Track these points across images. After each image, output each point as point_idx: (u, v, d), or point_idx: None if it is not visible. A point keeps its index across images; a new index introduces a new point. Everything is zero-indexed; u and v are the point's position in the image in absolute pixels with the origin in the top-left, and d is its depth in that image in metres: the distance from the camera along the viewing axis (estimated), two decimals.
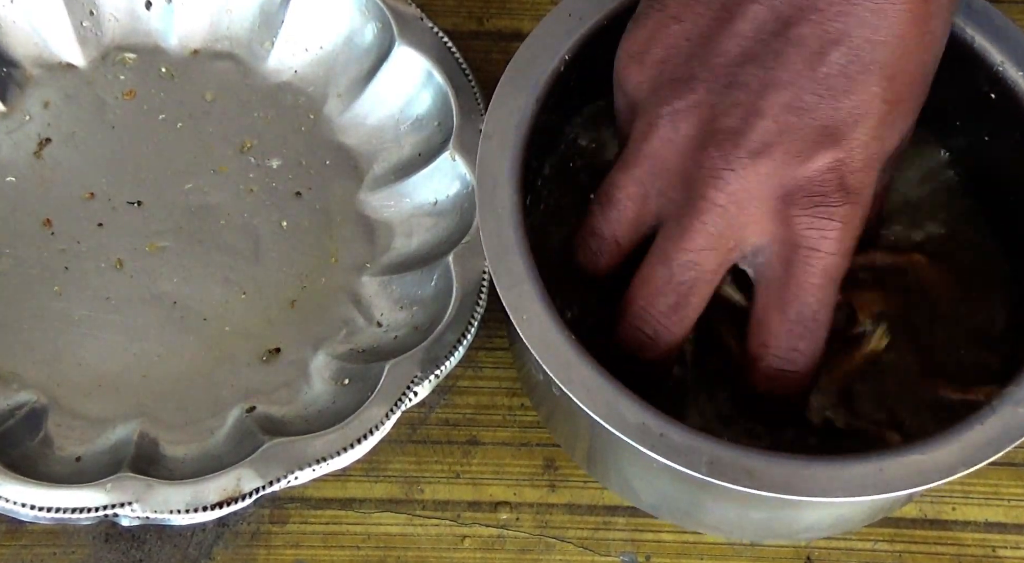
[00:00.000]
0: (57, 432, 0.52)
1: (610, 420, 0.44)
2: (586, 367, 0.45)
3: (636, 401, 0.45)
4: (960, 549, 0.53)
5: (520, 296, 0.46)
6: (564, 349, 0.45)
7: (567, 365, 0.45)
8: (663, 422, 0.44)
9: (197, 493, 0.50)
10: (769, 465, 0.44)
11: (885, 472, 0.44)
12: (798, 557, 0.53)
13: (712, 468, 0.44)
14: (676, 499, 0.50)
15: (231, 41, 0.60)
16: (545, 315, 0.46)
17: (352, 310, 0.56)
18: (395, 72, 0.58)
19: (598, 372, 0.45)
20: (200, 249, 0.57)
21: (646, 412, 0.44)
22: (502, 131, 0.49)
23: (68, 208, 0.57)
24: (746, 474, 0.44)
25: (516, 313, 0.46)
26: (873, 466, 0.44)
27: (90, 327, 0.55)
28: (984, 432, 0.44)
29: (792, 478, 0.44)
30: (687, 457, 0.44)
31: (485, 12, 0.63)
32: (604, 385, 0.45)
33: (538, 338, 0.46)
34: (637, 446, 0.44)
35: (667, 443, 0.44)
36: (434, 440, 0.55)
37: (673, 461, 0.44)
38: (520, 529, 0.54)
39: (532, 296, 0.46)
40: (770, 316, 0.46)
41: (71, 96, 0.59)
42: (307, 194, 0.58)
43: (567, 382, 0.45)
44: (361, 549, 0.53)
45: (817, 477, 0.44)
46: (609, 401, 0.44)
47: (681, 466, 0.44)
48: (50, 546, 0.53)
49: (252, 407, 0.53)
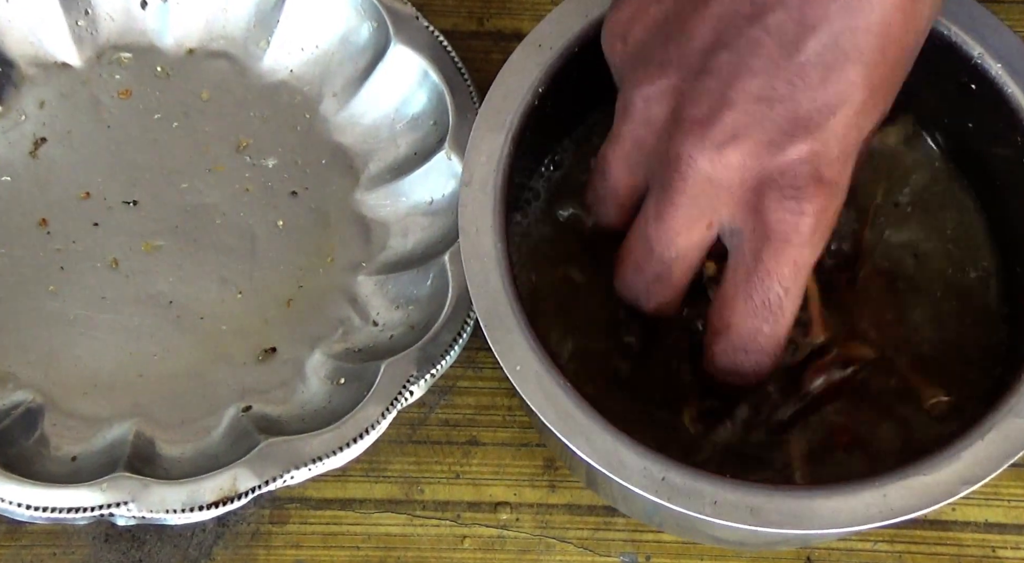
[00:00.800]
0: (53, 432, 0.52)
1: (612, 468, 0.44)
2: (584, 415, 0.45)
3: (636, 446, 0.44)
4: (960, 549, 0.53)
5: (512, 347, 0.46)
6: (560, 398, 0.45)
7: (565, 415, 0.45)
8: (664, 465, 0.44)
9: (193, 492, 0.50)
10: (772, 501, 0.44)
11: (889, 497, 0.44)
12: (798, 557, 0.53)
13: (717, 509, 0.44)
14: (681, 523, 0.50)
15: (227, 40, 0.60)
16: (539, 365, 0.46)
17: (348, 309, 0.56)
18: (391, 71, 0.58)
19: (595, 420, 0.45)
20: (196, 248, 0.57)
21: (647, 457, 0.44)
22: (481, 177, 0.49)
23: (64, 207, 0.57)
24: (750, 512, 0.43)
25: (509, 364, 0.46)
26: (877, 493, 0.44)
27: (86, 327, 0.55)
28: (986, 447, 0.44)
29: (796, 512, 0.43)
30: (691, 500, 0.44)
31: (485, 12, 0.63)
32: (603, 433, 0.45)
33: (534, 388, 0.45)
34: (640, 493, 0.44)
35: (670, 487, 0.44)
36: (434, 440, 0.55)
37: (677, 505, 0.44)
38: (520, 529, 0.54)
39: (523, 346, 0.46)
40: (736, 298, 0.45)
41: (67, 95, 0.59)
42: (303, 193, 0.58)
43: (566, 433, 0.45)
44: (361, 549, 0.53)
45: (821, 509, 0.43)
46: (609, 449, 0.44)
47: (685, 509, 0.44)
48: (50, 546, 0.53)
49: (248, 406, 0.53)
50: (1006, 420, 0.45)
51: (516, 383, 0.45)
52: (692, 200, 0.44)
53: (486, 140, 0.49)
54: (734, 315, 0.46)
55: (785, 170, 0.43)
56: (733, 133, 0.43)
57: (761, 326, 0.46)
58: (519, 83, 0.50)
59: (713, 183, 0.44)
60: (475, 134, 0.49)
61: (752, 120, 0.43)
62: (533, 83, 0.50)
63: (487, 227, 0.48)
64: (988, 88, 0.50)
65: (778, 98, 0.42)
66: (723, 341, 0.47)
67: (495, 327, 0.46)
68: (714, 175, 0.43)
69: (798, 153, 0.43)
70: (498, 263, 0.47)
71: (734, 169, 0.43)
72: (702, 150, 0.43)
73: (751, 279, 0.45)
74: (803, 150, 0.43)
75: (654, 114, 0.45)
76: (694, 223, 0.45)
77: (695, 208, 0.44)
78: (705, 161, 0.43)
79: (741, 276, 0.45)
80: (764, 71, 0.42)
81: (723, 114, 0.43)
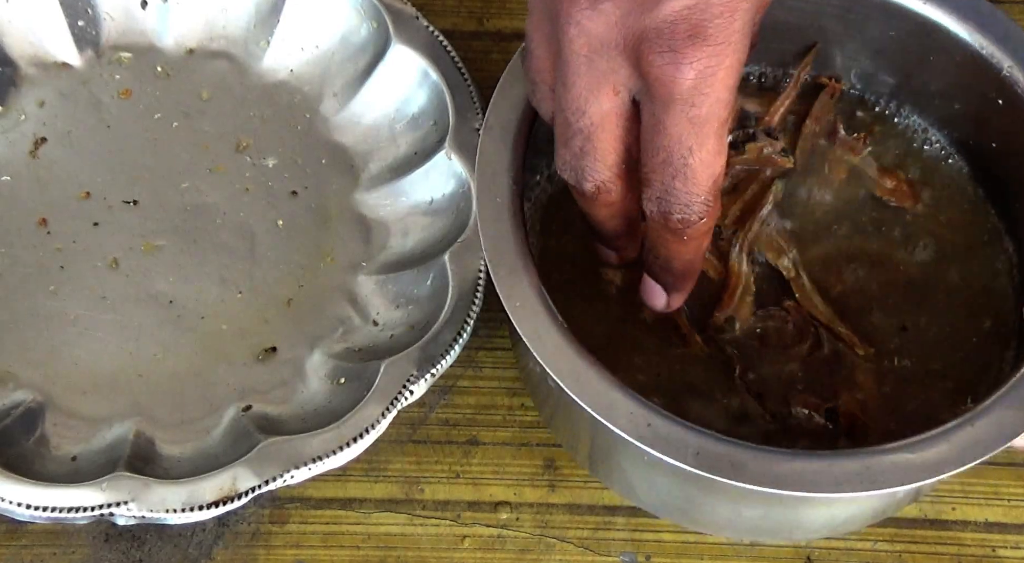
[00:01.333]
0: (53, 431, 0.52)
1: (599, 409, 0.44)
2: (577, 356, 0.45)
3: (626, 392, 0.45)
4: (960, 549, 0.53)
5: (515, 284, 0.46)
6: (556, 338, 0.46)
7: (558, 354, 0.45)
8: (651, 413, 0.44)
9: (193, 492, 0.50)
10: (755, 458, 0.44)
11: (872, 469, 0.44)
12: (798, 557, 0.53)
13: (699, 459, 0.44)
14: (672, 496, 0.50)
15: (227, 40, 0.60)
16: (539, 304, 0.46)
17: (348, 309, 0.56)
18: (391, 71, 0.58)
19: (589, 362, 0.45)
20: (196, 248, 0.57)
21: (635, 402, 0.45)
22: (503, 123, 0.49)
23: (64, 207, 0.57)
24: (731, 467, 0.44)
25: (510, 301, 0.46)
26: (860, 463, 0.44)
27: (86, 326, 0.55)
28: (974, 433, 0.44)
29: (777, 472, 0.44)
30: (675, 448, 0.44)
31: (485, 12, 0.63)
32: (594, 375, 0.45)
33: (531, 326, 0.46)
34: (624, 436, 0.44)
35: (655, 433, 0.44)
36: (434, 440, 0.55)
37: (659, 451, 0.44)
38: (520, 529, 0.54)
39: (527, 285, 0.46)
40: (647, 153, 0.45)
41: (67, 95, 0.59)
42: (303, 193, 0.58)
43: (558, 371, 0.45)
44: (361, 549, 0.53)
45: (802, 472, 0.44)
46: (599, 390, 0.45)
47: (667, 457, 0.44)
48: (50, 546, 0.52)
49: (248, 406, 0.53)
50: (997, 409, 0.45)
51: (514, 320, 0.46)
52: (587, 62, 0.44)
53: (513, 88, 0.49)
54: (648, 170, 0.46)
55: (662, 28, 0.43)
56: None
57: (672, 182, 0.45)
58: None
59: (599, 42, 0.44)
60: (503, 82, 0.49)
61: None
62: None
63: (503, 170, 0.48)
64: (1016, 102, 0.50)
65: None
66: (648, 191, 0.46)
67: (501, 265, 0.47)
68: (595, 33, 0.44)
69: (673, 8, 0.43)
70: (510, 204, 0.48)
71: (610, 26, 0.43)
72: (580, 8, 0.43)
73: (654, 137, 0.45)
74: (676, 6, 0.43)
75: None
76: (597, 87, 0.45)
77: (593, 71, 0.44)
78: (585, 18, 0.43)
79: (648, 134, 0.45)
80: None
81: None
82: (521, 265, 0.47)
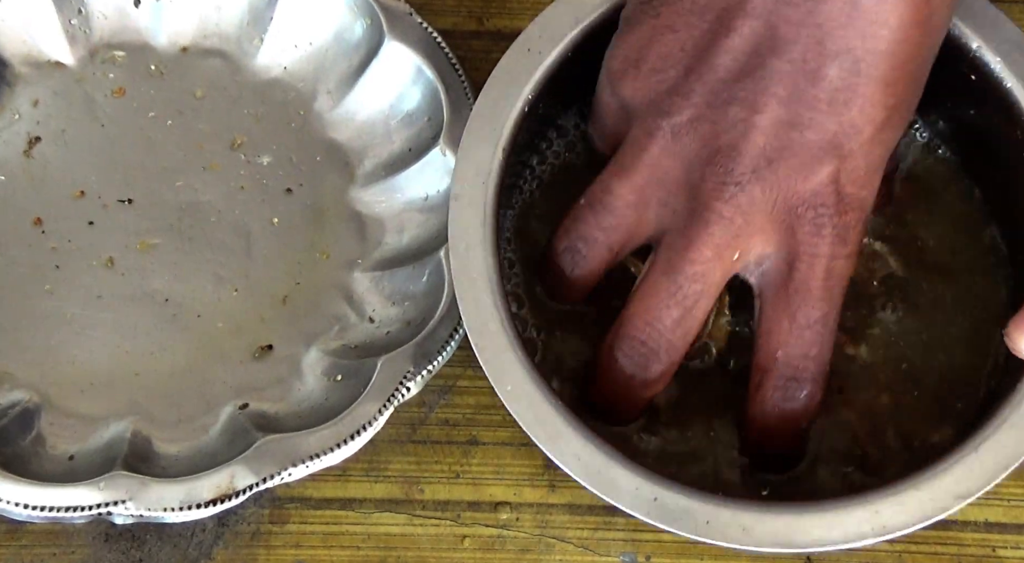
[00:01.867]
0: (50, 431, 0.52)
1: (603, 489, 0.45)
2: (576, 437, 0.45)
3: (628, 466, 0.45)
4: (960, 549, 0.53)
5: (503, 366, 0.46)
6: (552, 419, 0.45)
7: (556, 436, 0.45)
8: (656, 486, 0.44)
9: (191, 490, 0.50)
10: (763, 519, 0.44)
11: (882, 514, 0.44)
12: (798, 557, 0.53)
13: (709, 528, 0.44)
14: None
15: (220, 38, 0.60)
16: (530, 385, 0.46)
17: (344, 306, 0.56)
18: (385, 68, 0.58)
19: (588, 440, 0.45)
20: (191, 246, 0.57)
21: (639, 477, 0.44)
22: (470, 190, 0.48)
23: (58, 206, 0.57)
24: (742, 531, 0.44)
25: (500, 385, 0.46)
26: (869, 509, 0.44)
27: (82, 325, 0.55)
28: (980, 458, 0.44)
29: (787, 531, 0.44)
30: (682, 521, 0.44)
31: (485, 12, 0.63)
32: (595, 453, 0.45)
33: (525, 410, 0.46)
34: (633, 513, 0.44)
35: (661, 508, 0.44)
36: (434, 440, 0.55)
37: (669, 526, 0.44)
38: (520, 529, 0.54)
39: (515, 365, 0.46)
40: (779, 324, 0.45)
41: (60, 94, 0.59)
42: (298, 190, 0.58)
43: (558, 454, 0.45)
44: (361, 549, 0.53)
45: (813, 528, 0.44)
46: (601, 469, 0.45)
47: (677, 530, 0.44)
48: (50, 546, 0.52)
49: (245, 404, 0.53)
50: (1001, 430, 0.45)
51: (507, 403, 0.46)
52: (730, 224, 0.44)
53: (476, 150, 0.49)
54: (780, 343, 0.45)
55: (817, 191, 0.44)
56: (766, 158, 0.44)
57: (809, 349, 0.45)
58: (509, 91, 0.50)
59: (751, 205, 0.44)
60: (464, 144, 0.49)
61: (783, 144, 0.44)
62: (523, 91, 0.50)
63: (476, 242, 0.48)
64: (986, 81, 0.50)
65: (805, 124, 0.43)
66: (773, 377, 0.46)
67: (486, 347, 0.46)
68: (750, 199, 0.44)
69: (827, 174, 0.44)
70: (489, 280, 0.47)
71: (767, 193, 0.44)
72: (739, 175, 0.44)
73: (792, 299, 0.45)
74: (831, 172, 0.44)
75: (682, 144, 0.45)
76: (725, 251, 0.45)
77: (730, 233, 0.45)
78: (746, 181, 0.44)
79: (781, 300, 0.45)
80: (790, 99, 0.43)
81: (756, 139, 0.44)
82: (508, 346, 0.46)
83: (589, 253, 0.48)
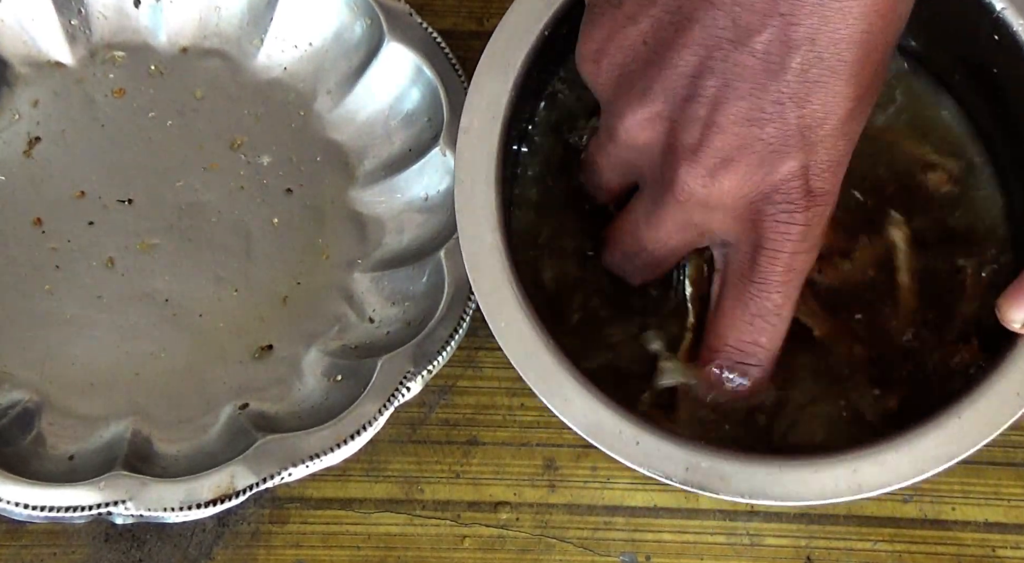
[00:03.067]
0: (50, 431, 0.52)
1: (587, 429, 0.45)
2: (564, 375, 0.45)
3: (613, 409, 0.45)
4: (960, 549, 0.53)
5: (499, 302, 0.46)
6: (542, 356, 0.45)
7: (544, 374, 0.45)
8: (639, 430, 0.44)
9: (191, 490, 0.50)
10: (743, 470, 0.44)
11: (859, 473, 0.44)
12: (798, 557, 0.53)
13: (688, 475, 0.44)
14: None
15: (220, 38, 0.60)
16: (524, 322, 0.46)
17: (344, 306, 0.56)
18: (385, 68, 0.58)
19: (576, 380, 0.45)
20: (191, 247, 0.57)
21: (623, 421, 0.45)
22: (479, 124, 0.48)
23: (58, 207, 0.57)
24: (720, 480, 0.44)
25: (494, 319, 0.46)
26: (848, 467, 0.44)
27: (82, 326, 0.55)
28: (960, 426, 0.44)
29: (765, 483, 0.44)
30: (663, 465, 0.44)
31: (485, 12, 0.63)
32: (581, 394, 0.45)
33: (516, 345, 0.46)
34: (614, 456, 0.44)
35: (643, 451, 0.44)
36: (434, 440, 0.55)
37: (649, 470, 0.44)
38: (520, 529, 0.54)
39: (511, 302, 0.46)
40: (733, 310, 0.46)
41: (60, 95, 0.59)
42: (298, 191, 0.58)
43: (545, 392, 0.45)
44: (361, 549, 0.53)
45: (790, 482, 0.44)
46: (586, 410, 0.45)
47: (657, 475, 0.44)
48: (50, 546, 0.52)
49: (245, 404, 0.53)
50: (984, 398, 0.45)
51: (500, 340, 0.45)
52: (685, 215, 0.45)
53: (487, 86, 0.49)
54: (731, 328, 0.46)
55: (778, 187, 0.44)
56: (725, 157, 0.43)
57: (758, 337, 0.46)
58: (524, 26, 0.49)
59: (707, 203, 0.44)
60: (476, 80, 0.49)
61: (743, 143, 0.43)
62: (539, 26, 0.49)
63: (482, 178, 0.48)
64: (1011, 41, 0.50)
65: (767, 119, 0.43)
66: (720, 357, 0.47)
67: (483, 281, 0.46)
68: (708, 198, 0.44)
69: (789, 170, 0.43)
70: (491, 215, 0.47)
71: (727, 192, 0.44)
72: (696, 177, 0.44)
73: (747, 289, 0.45)
74: (794, 167, 0.43)
75: (643, 140, 0.45)
76: (685, 231, 0.46)
77: (687, 221, 0.45)
78: (699, 187, 0.44)
79: (736, 286, 0.46)
80: (751, 93, 0.42)
81: (713, 140, 0.43)
82: (505, 281, 0.46)
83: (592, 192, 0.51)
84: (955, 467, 0.54)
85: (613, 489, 0.54)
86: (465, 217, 0.47)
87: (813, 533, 0.53)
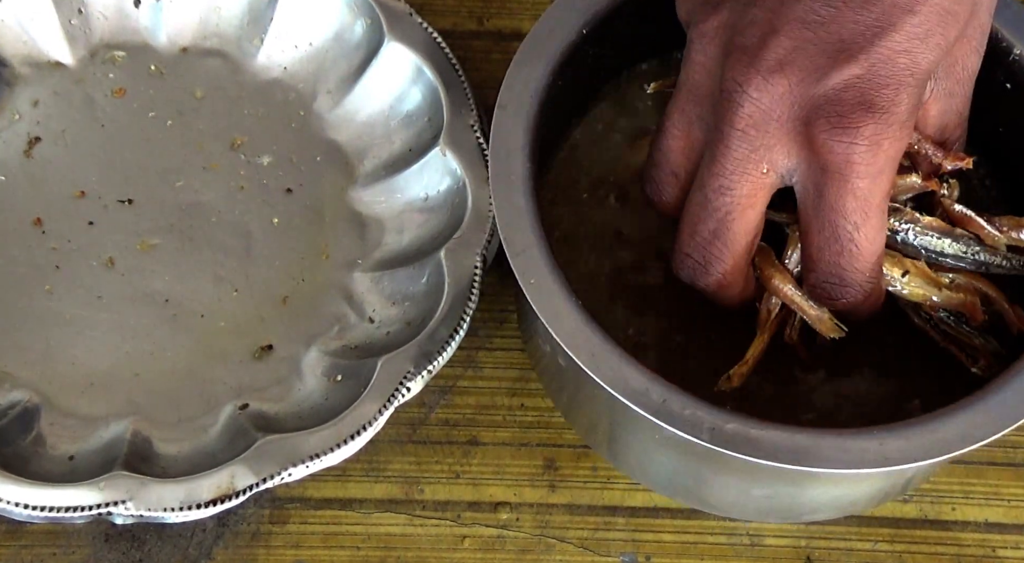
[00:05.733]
0: (50, 431, 0.52)
1: (614, 385, 0.44)
2: (592, 333, 0.45)
3: (641, 368, 0.45)
4: (960, 549, 0.53)
5: (528, 261, 0.46)
6: (571, 315, 0.45)
7: (573, 331, 0.45)
8: (666, 389, 0.44)
9: (191, 491, 0.50)
10: (770, 434, 0.44)
11: (885, 446, 0.44)
12: (798, 557, 0.53)
13: (713, 435, 0.44)
14: (684, 476, 0.50)
15: (220, 38, 0.60)
16: (553, 281, 0.46)
17: (344, 306, 0.56)
18: (385, 68, 0.58)
19: (603, 338, 0.45)
20: (191, 247, 0.57)
21: (650, 379, 0.44)
22: (517, 100, 0.49)
23: (59, 207, 0.57)
24: (748, 443, 0.43)
25: (524, 278, 0.46)
26: (873, 440, 0.44)
27: (82, 326, 0.55)
28: (987, 410, 0.44)
29: (788, 447, 0.44)
30: (689, 424, 0.44)
31: (485, 12, 0.63)
32: (609, 351, 0.45)
33: (545, 303, 0.46)
34: (639, 411, 0.44)
35: (669, 410, 0.44)
36: (434, 440, 0.55)
37: (674, 427, 0.44)
38: (520, 529, 0.54)
39: (540, 262, 0.46)
40: (810, 233, 0.45)
41: (60, 95, 0.59)
42: (298, 190, 0.58)
43: (573, 347, 0.45)
44: (361, 549, 0.53)
45: (814, 448, 0.43)
46: (613, 367, 0.44)
47: (683, 433, 0.43)
48: (50, 546, 0.52)
49: (245, 404, 0.53)
50: (1011, 385, 0.45)
51: (529, 296, 0.45)
52: (744, 136, 0.44)
53: (526, 67, 0.49)
54: (812, 250, 0.45)
55: (831, 97, 0.43)
56: (780, 60, 0.43)
57: (837, 260, 0.45)
58: (565, 20, 0.50)
59: (764, 114, 0.43)
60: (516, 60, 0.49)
61: (798, 45, 0.43)
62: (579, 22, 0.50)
63: (517, 149, 0.48)
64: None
65: (821, 22, 0.42)
66: (812, 276, 0.46)
67: (514, 242, 0.46)
68: (764, 104, 0.43)
69: (843, 78, 0.43)
70: (524, 183, 0.47)
71: (779, 98, 0.43)
72: (751, 78, 0.43)
73: (818, 215, 0.45)
74: (848, 74, 0.43)
75: (708, 53, 0.45)
76: (748, 164, 0.44)
77: (747, 146, 0.44)
78: (753, 89, 0.43)
79: (809, 215, 0.45)
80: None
81: (769, 41, 0.43)
82: (535, 243, 0.47)
83: (659, 178, 0.48)
84: (954, 468, 0.55)
85: (613, 489, 0.54)
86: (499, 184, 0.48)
87: (813, 533, 0.53)
